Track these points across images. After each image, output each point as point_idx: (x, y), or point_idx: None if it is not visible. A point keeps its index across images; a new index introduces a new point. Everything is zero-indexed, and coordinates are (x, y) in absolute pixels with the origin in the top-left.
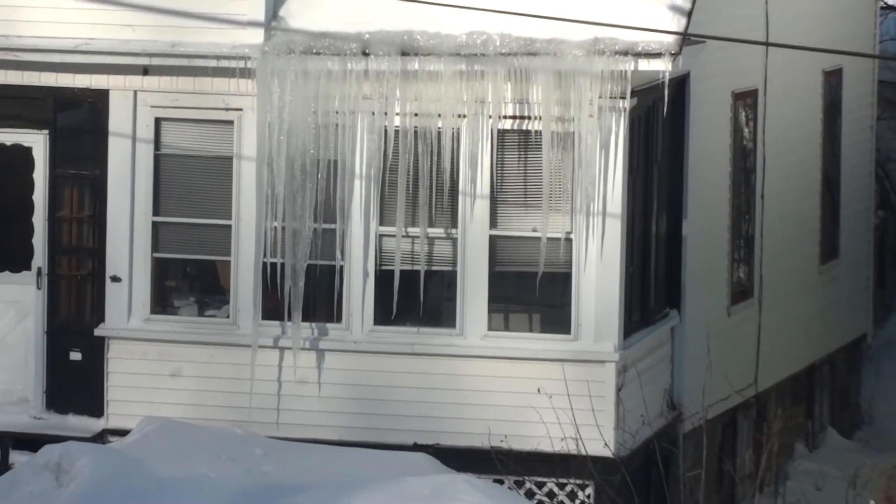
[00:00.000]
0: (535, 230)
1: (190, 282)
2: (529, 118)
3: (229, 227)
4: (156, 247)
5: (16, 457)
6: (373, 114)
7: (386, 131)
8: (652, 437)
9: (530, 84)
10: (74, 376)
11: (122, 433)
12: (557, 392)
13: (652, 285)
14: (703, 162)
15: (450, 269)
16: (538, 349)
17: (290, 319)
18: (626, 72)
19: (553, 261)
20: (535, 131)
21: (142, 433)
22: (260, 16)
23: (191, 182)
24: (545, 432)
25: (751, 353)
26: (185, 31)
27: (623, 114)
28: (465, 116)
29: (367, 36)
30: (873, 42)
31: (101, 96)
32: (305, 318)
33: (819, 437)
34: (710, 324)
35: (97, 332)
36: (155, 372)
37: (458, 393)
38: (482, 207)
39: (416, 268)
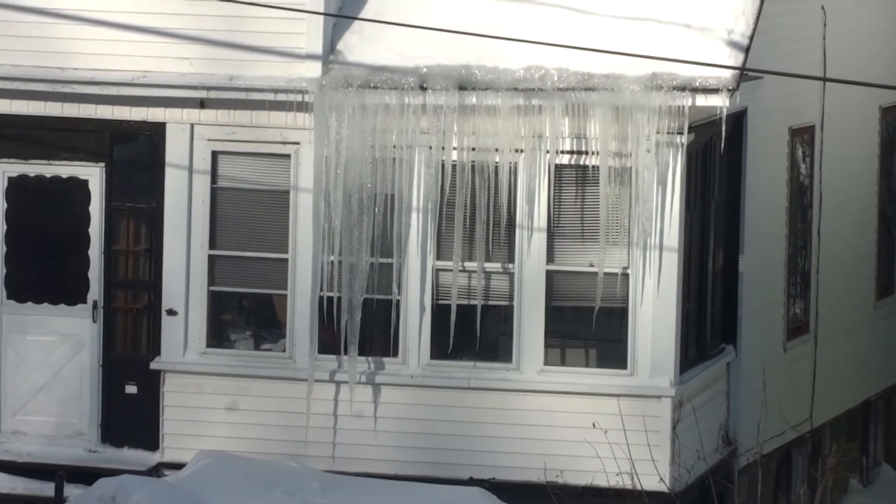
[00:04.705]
0: (591, 265)
1: (246, 315)
2: (587, 153)
3: (286, 260)
4: (212, 280)
5: (70, 490)
6: (430, 148)
7: (443, 165)
8: (707, 472)
9: (588, 119)
10: (130, 410)
11: (178, 466)
12: (613, 427)
13: (708, 321)
14: (759, 198)
15: (506, 303)
16: (594, 384)
17: (346, 353)
18: (683, 107)
19: (610, 296)
20: (593, 166)
21: (197, 466)
22: (318, 49)
23: (247, 215)
24: (601, 467)
25: (806, 388)
26: (243, 65)
27: (680, 149)
28: (522, 151)
29: (424, 70)
30: None
31: (158, 129)
32: (362, 353)
33: (873, 472)
34: (765, 359)
35: (153, 365)
36: (211, 405)
37: (514, 427)
38: (539, 242)
39: (472, 302)
